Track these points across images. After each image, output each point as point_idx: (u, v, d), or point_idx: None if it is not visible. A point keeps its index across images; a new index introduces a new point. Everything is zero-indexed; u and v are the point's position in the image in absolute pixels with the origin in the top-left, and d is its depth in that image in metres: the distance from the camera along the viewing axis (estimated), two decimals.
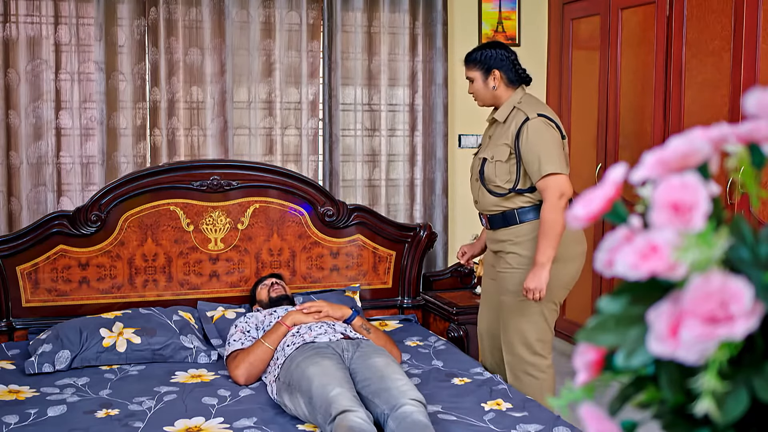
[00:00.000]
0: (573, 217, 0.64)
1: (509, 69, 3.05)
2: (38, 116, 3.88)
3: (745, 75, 3.43)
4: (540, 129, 2.93)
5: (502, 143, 2.99)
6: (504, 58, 3.05)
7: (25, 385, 2.97)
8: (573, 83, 4.68)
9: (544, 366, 3.05)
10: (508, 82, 3.05)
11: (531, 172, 2.92)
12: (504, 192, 2.99)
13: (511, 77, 3.05)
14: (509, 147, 2.97)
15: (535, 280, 2.86)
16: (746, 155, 0.62)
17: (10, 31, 3.82)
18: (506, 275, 3.03)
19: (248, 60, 4.17)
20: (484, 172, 3.02)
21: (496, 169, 2.99)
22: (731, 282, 0.55)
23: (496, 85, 3.04)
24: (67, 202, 3.93)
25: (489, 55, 3.05)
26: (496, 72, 3.03)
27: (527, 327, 3.01)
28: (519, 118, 2.97)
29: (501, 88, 3.05)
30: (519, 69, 3.07)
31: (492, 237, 3.11)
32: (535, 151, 2.90)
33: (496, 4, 4.66)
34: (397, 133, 4.41)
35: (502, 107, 3.05)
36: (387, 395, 2.57)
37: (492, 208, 3.04)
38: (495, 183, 3.00)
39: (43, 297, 3.55)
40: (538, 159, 2.89)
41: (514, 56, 3.08)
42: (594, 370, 0.64)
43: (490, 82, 3.05)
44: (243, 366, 2.99)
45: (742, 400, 0.55)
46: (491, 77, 3.04)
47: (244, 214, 3.79)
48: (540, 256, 2.86)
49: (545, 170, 2.87)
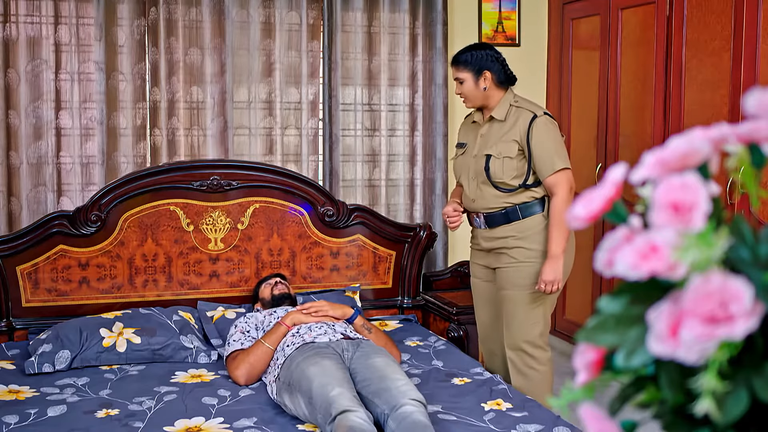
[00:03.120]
0: (573, 216, 0.64)
1: (499, 70, 3.08)
2: (38, 116, 3.88)
3: (745, 75, 3.43)
4: (549, 126, 3.01)
5: (509, 140, 3.02)
6: (494, 59, 3.08)
7: (25, 385, 2.97)
8: (573, 83, 4.68)
9: (545, 359, 3.12)
10: (498, 82, 3.08)
11: (541, 168, 2.98)
12: (512, 188, 3.02)
13: (501, 78, 3.09)
14: (518, 144, 3.01)
15: (552, 272, 2.94)
16: (746, 155, 0.62)
17: (10, 31, 3.82)
18: (511, 270, 3.05)
19: (248, 60, 4.17)
20: (490, 169, 3.03)
21: (504, 166, 3.02)
22: (731, 282, 0.55)
23: (487, 86, 3.07)
24: (67, 202, 3.93)
25: (479, 56, 3.07)
26: (486, 73, 3.06)
27: (531, 321, 3.06)
28: (525, 115, 3.01)
29: (492, 88, 3.08)
30: (507, 70, 3.12)
31: (488, 236, 3.11)
32: (547, 147, 2.97)
33: (496, 4, 4.66)
34: (397, 133, 4.41)
35: (498, 106, 3.07)
36: (387, 395, 2.57)
37: (493, 206, 3.05)
38: (501, 179, 3.02)
39: (43, 297, 3.55)
40: (550, 156, 2.97)
41: (502, 57, 3.12)
42: (594, 370, 0.64)
43: (481, 83, 3.07)
44: (243, 366, 2.99)
45: (742, 400, 0.55)
46: (482, 78, 3.07)
47: (244, 214, 3.79)
48: (555, 247, 2.94)
49: (558, 166, 2.96)
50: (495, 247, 3.10)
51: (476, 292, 3.32)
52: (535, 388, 3.06)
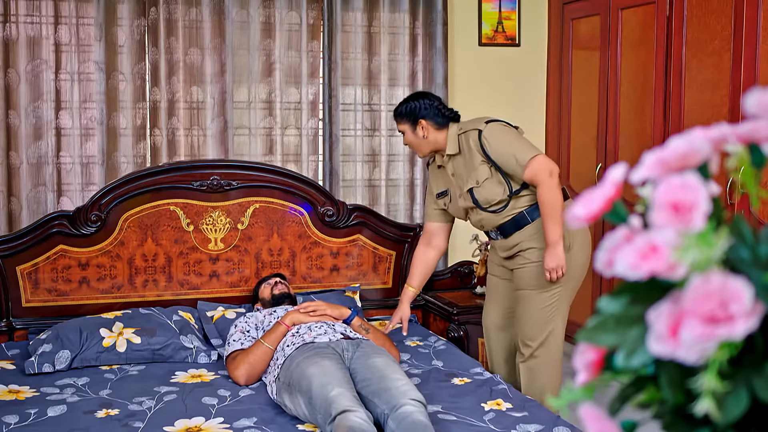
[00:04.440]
0: (573, 217, 0.64)
1: (435, 114, 3.10)
2: (38, 116, 3.88)
3: (745, 75, 3.43)
4: (495, 131, 3.02)
5: (477, 165, 3.03)
6: (427, 106, 3.11)
7: (25, 385, 2.97)
8: (573, 83, 4.68)
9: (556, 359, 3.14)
10: (437, 126, 3.11)
11: (513, 170, 2.99)
12: (505, 202, 3.03)
13: (438, 121, 3.11)
14: (485, 162, 3.02)
15: (553, 259, 2.94)
16: (746, 155, 0.62)
17: (10, 31, 3.82)
18: (525, 270, 3.09)
19: (248, 60, 4.17)
20: (479, 200, 3.05)
21: (487, 189, 3.04)
22: (731, 282, 0.55)
23: (425, 133, 3.10)
24: (67, 202, 3.93)
25: (412, 106, 3.11)
26: (422, 122, 3.10)
27: (545, 319, 3.08)
28: (473, 136, 3.05)
29: (432, 133, 3.11)
30: (445, 111, 3.12)
31: (503, 245, 3.14)
32: (504, 150, 2.98)
33: (496, 4, 4.66)
34: (397, 133, 4.41)
35: (448, 143, 3.11)
36: (387, 395, 2.57)
37: (500, 221, 3.09)
38: (494, 200, 3.05)
39: (43, 297, 3.55)
40: (511, 155, 2.97)
41: (437, 102, 3.14)
42: (594, 370, 0.64)
43: (419, 131, 3.11)
44: (243, 366, 2.99)
45: (742, 400, 0.56)
46: (419, 127, 3.11)
47: (244, 214, 3.78)
48: (551, 235, 2.94)
49: (523, 159, 2.95)
50: (511, 255, 3.13)
51: (491, 290, 3.34)
52: (544, 385, 3.08)
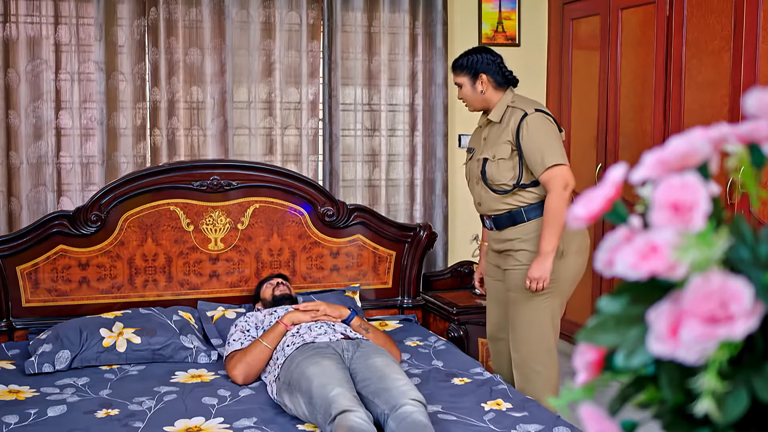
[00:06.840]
0: (573, 217, 0.64)
1: (496, 72, 3.09)
2: (38, 116, 3.88)
3: (745, 75, 3.43)
4: (539, 123, 2.98)
5: (503, 141, 3.02)
6: (490, 61, 3.09)
7: (25, 385, 2.97)
8: (573, 83, 4.68)
9: (549, 363, 3.10)
10: (496, 84, 3.10)
11: (534, 166, 2.96)
12: (508, 189, 3.01)
13: (498, 80, 3.09)
14: (511, 144, 3.00)
15: (540, 269, 2.91)
16: (746, 155, 0.62)
17: (10, 31, 3.82)
18: (515, 272, 3.05)
19: (248, 60, 4.17)
20: (486, 172, 3.04)
21: (499, 167, 3.02)
22: (731, 282, 0.55)
23: (484, 89, 3.09)
24: (67, 202, 3.93)
25: (475, 60, 3.09)
26: (483, 76, 3.08)
27: (537, 323, 3.05)
28: (517, 114, 3.01)
29: (489, 91, 3.09)
30: (505, 71, 3.12)
31: (497, 237, 3.12)
32: (536, 144, 2.95)
33: (496, 4, 4.66)
34: (397, 133, 4.41)
35: (495, 108, 3.09)
36: (387, 395, 2.57)
37: (497, 208, 3.06)
38: (499, 181, 3.03)
39: (43, 297, 3.55)
40: (540, 152, 2.94)
41: (499, 59, 3.13)
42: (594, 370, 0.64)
43: (478, 86, 3.09)
44: (240, 366, 2.99)
45: (742, 400, 0.55)
46: (479, 81, 3.09)
47: (244, 214, 3.79)
48: (545, 245, 2.90)
49: (548, 162, 2.92)
50: (503, 249, 3.11)
51: (488, 291, 3.34)
52: (537, 391, 3.04)
